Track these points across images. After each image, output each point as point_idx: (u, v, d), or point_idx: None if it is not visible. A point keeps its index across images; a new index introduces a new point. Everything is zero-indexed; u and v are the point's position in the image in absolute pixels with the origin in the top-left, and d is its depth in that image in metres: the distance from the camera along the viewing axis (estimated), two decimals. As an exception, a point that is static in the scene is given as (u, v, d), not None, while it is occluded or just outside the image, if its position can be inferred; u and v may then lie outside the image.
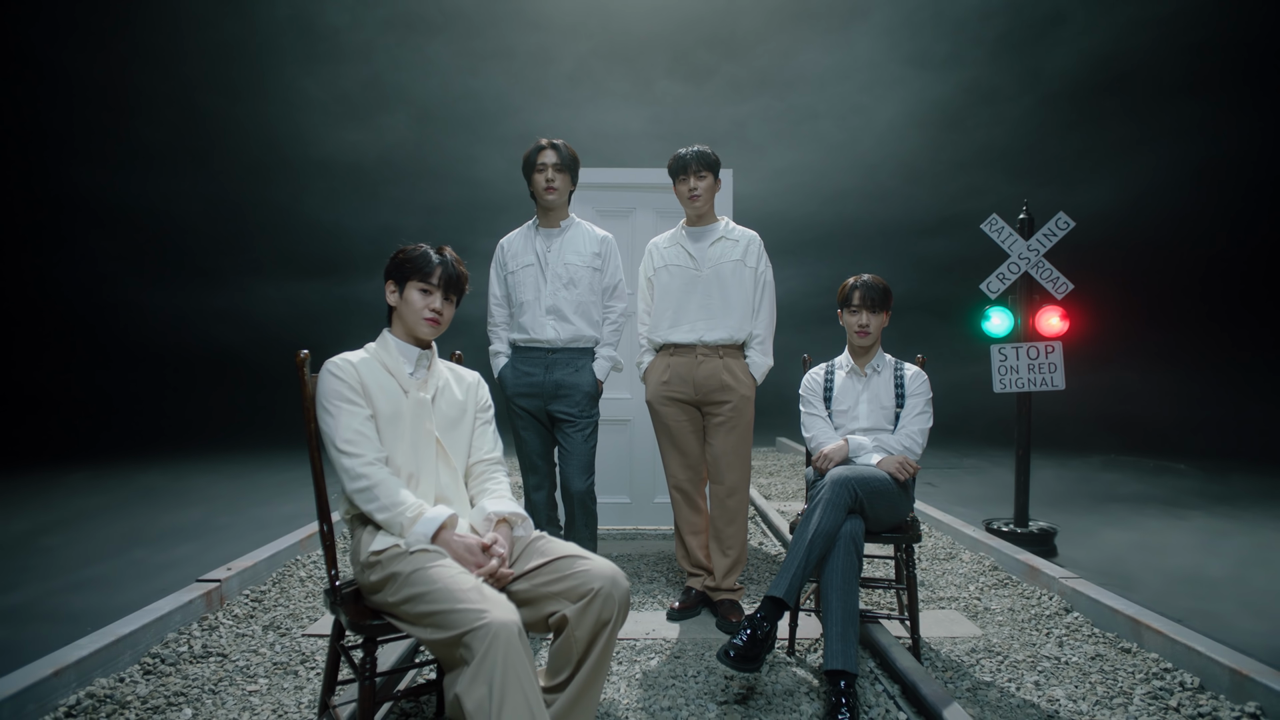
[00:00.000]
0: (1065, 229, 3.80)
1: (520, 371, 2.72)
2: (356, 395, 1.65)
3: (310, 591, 3.06)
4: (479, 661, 1.30)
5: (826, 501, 2.12)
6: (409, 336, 1.78)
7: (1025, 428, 3.89)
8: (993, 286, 3.88)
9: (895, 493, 2.26)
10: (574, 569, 1.54)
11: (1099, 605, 2.66)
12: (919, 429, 2.43)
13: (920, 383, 2.49)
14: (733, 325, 2.73)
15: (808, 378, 2.65)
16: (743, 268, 2.76)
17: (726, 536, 2.75)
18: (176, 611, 2.55)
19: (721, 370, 2.72)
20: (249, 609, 2.82)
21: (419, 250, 1.77)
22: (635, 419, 4.19)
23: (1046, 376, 3.78)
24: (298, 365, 1.75)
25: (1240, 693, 2.02)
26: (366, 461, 1.59)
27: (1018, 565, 3.24)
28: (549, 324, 2.70)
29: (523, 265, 2.76)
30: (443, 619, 1.37)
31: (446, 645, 1.37)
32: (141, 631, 2.34)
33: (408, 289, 1.75)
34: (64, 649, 2.12)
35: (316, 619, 2.74)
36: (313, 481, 1.75)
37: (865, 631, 2.46)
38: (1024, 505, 3.83)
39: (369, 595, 1.58)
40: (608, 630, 1.50)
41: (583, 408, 2.70)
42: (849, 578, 2.05)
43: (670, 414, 2.79)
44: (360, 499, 1.58)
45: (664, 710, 2.03)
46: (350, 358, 1.70)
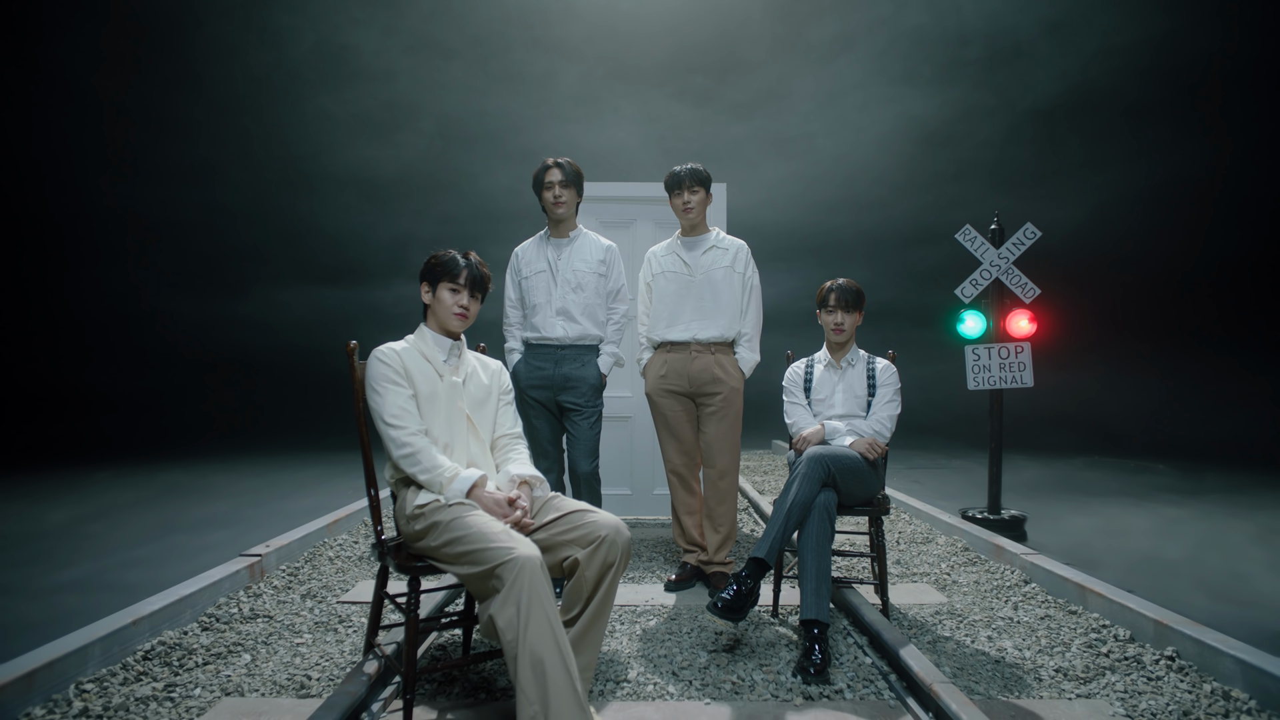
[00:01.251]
0: (1032, 238, 4.11)
1: (532, 366, 3.03)
2: (400, 378, 1.96)
3: (339, 568, 3.35)
4: (508, 588, 1.60)
5: (803, 476, 2.42)
6: (441, 329, 2.09)
7: (997, 423, 4.19)
8: (966, 292, 4.19)
9: (865, 470, 2.57)
10: (584, 520, 1.85)
11: (1052, 575, 2.95)
12: (888, 415, 2.73)
13: (890, 375, 2.80)
14: (723, 325, 3.04)
15: (790, 370, 2.96)
16: (732, 273, 3.08)
17: (718, 515, 3.05)
18: (226, 580, 2.85)
19: (713, 365, 3.03)
20: (286, 581, 3.12)
21: (448, 255, 2.09)
22: (636, 416, 4.50)
23: (1016, 375, 4.09)
24: (348, 353, 2.07)
25: (1161, 640, 2.31)
26: (410, 433, 1.90)
27: (986, 546, 3.54)
28: (558, 324, 3.02)
29: (535, 271, 3.07)
30: (477, 556, 1.67)
31: (481, 578, 1.67)
32: (198, 594, 2.65)
33: (439, 289, 2.07)
34: (138, 604, 2.42)
35: (349, 589, 3.04)
36: (361, 453, 2.06)
37: (840, 595, 2.76)
38: (996, 494, 4.13)
39: (413, 543, 1.89)
40: (613, 571, 1.80)
41: (588, 398, 3.01)
42: (823, 541, 2.35)
43: (667, 405, 3.10)
44: (405, 463, 1.89)
45: (661, 657, 2.33)
46: (394, 346, 2.01)
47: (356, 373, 2.05)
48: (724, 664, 2.28)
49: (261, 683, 2.12)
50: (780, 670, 2.23)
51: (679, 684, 2.13)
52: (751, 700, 2.04)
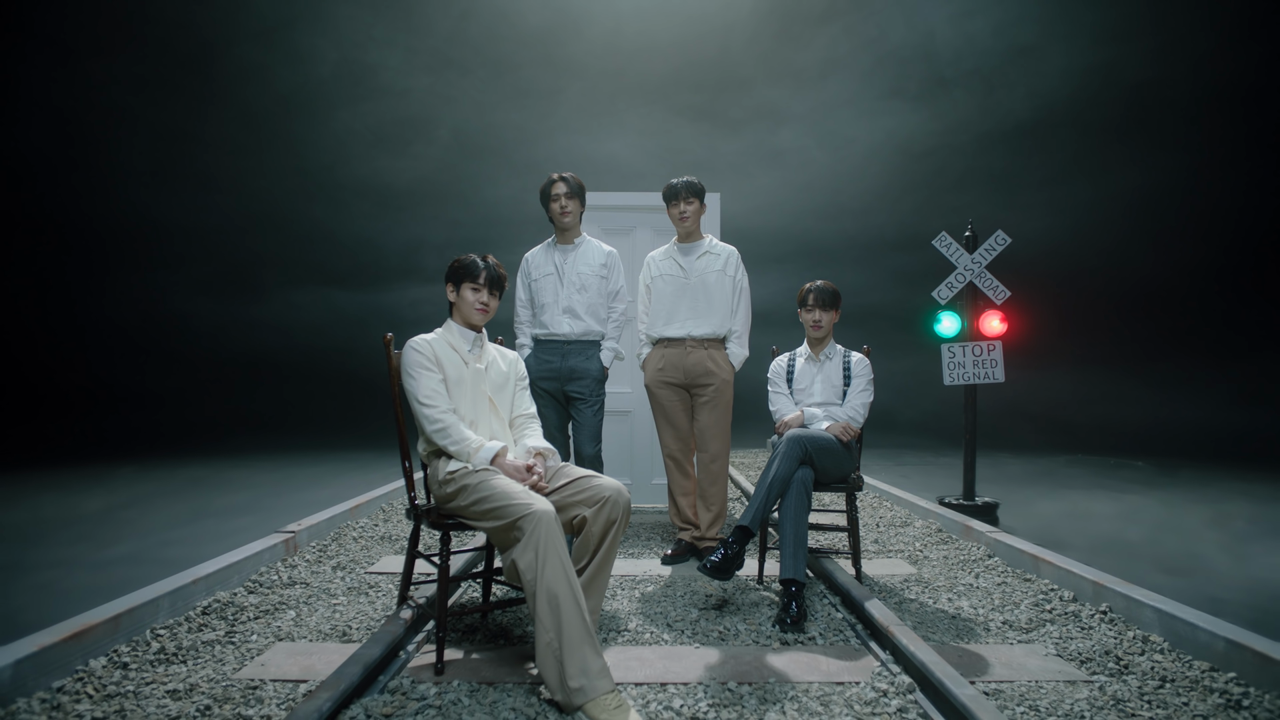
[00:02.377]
0: (1003, 244, 4.43)
1: (541, 359, 3.34)
2: (431, 364, 2.28)
3: (364, 545, 3.66)
4: (528, 537, 1.92)
5: (783, 454, 2.73)
6: (465, 323, 2.41)
7: (971, 416, 4.50)
8: (942, 294, 4.51)
9: (839, 451, 2.88)
10: (590, 484, 2.16)
11: (1012, 549, 3.26)
12: (861, 403, 3.05)
13: (863, 367, 3.11)
14: (715, 323, 3.36)
15: (774, 363, 3.28)
16: (723, 276, 3.40)
17: (710, 495, 3.36)
18: (265, 551, 3.16)
19: (706, 359, 3.35)
20: (317, 555, 3.42)
21: (469, 259, 2.40)
22: (636, 411, 4.81)
23: (988, 370, 4.40)
24: (385, 344, 2.39)
25: (1098, 598, 2.62)
26: (441, 410, 2.21)
27: (957, 527, 3.85)
28: (565, 321, 3.33)
29: (544, 274, 3.39)
30: (501, 512, 1.99)
31: (504, 530, 1.98)
32: (242, 563, 2.95)
33: (463, 288, 2.38)
34: (196, 566, 2.73)
35: (374, 563, 3.34)
36: (396, 430, 2.37)
37: (819, 565, 3.07)
38: (971, 482, 4.43)
39: (444, 504, 2.20)
40: (615, 526, 2.12)
41: (592, 389, 3.33)
42: (800, 511, 2.66)
43: (665, 395, 3.42)
44: (437, 437, 2.20)
45: (657, 614, 2.63)
46: (425, 337, 2.33)
47: (392, 361, 2.37)
48: (712, 619, 2.59)
49: (308, 631, 2.43)
50: (761, 623, 2.53)
51: (673, 633, 2.44)
52: (735, 645, 2.35)
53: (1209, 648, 2.12)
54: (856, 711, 1.87)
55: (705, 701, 1.92)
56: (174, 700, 1.91)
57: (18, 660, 1.84)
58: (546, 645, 1.85)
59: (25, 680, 1.86)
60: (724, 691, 1.99)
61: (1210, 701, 1.90)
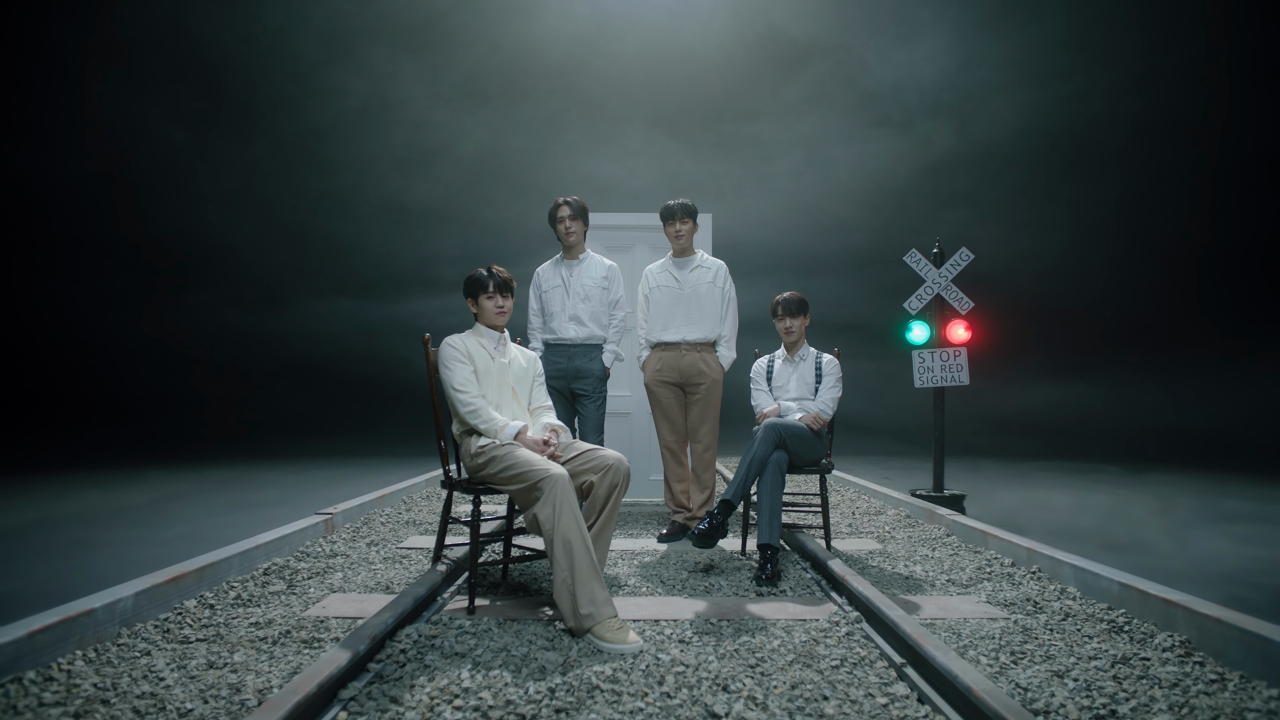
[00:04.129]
0: (967, 260, 4.91)
1: (550, 361, 3.80)
2: (464, 358, 2.73)
3: (392, 528, 4.09)
4: (546, 495, 2.36)
5: (761, 439, 3.18)
6: (489, 326, 2.87)
7: (940, 416, 4.95)
8: (912, 305, 4.98)
9: (810, 438, 3.33)
10: (596, 455, 2.61)
11: (966, 527, 3.70)
12: (830, 398, 3.50)
13: (833, 366, 3.57)
14: (706, 328, 3.82)
15: (756, 364, 3.74)
16: (714, 288, 3.86)
17: (703, 479, 3.80)
18: (309, 528, 3.60)
19: (699, 361, 3.80)
20: (352, 535, 3.86)
21: (478, 273, 2.86)
22: (635, 412, 5.26)
23: (955, 374, 4.86)
24: (424, 342, 2.85)
25: (1030, 561, 3.06)
26: (473, 396, 2.67)
27: (924, 513, 4.28)
28: (571, 327, 3.79)
29: (552, 286, 3.86)
30: (524, 476, 2.43)
31: (527, 490, 2.43)
32: (290, 536, 3.39)
33: (480, 300, 2.84)
34: (258, 534, 3.18)
35: (403, 540, 3.78)
36: (433, 415, 2.83)
37: (794, 538, 3.51)
38: (940, 475, 4.87)
39: (475, 474, 2.64)
40: (618, 489, 2.56)
41: (595, 386, 3.78)
42: (775, 487, 3.11)
43: (662, 393, 3.87)
44: (470, 418, 2.65)
45: (653, 575, 3.07)
46: (459, 336, 2.79)
47: (430, 356, 2.82)
48: (700, 578, 3.03)
49: (356, 587, 2.87)
50: (741, 582, 2.97)
51: (665, 588, 2.88)
52: (718, 596, 2.79)
53: (1107, 591, 2.55)
54: (813, 635, 2.31)
55: (690, 631, 2.36)
56: (257, 630, 2.34)
57: (136, 593, 2.28)
58: (562, 581, 2.29)
59: (141, 610, 2.30)
60: (706, 625, 2.43)
61: (1099, 628, 2.34)
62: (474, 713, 1.74)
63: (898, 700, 1.82)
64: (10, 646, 1.81)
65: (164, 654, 2.09)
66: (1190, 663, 2.03)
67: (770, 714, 1.75)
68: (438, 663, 2.05)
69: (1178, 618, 2.23)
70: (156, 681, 1.89)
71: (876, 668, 2.04)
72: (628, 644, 2.16)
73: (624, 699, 1.82)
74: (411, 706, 1.77)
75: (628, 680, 1.93)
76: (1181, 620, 2.22)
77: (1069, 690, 1.87)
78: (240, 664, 2.04)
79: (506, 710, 1.75)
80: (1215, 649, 2.07)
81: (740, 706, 1.78)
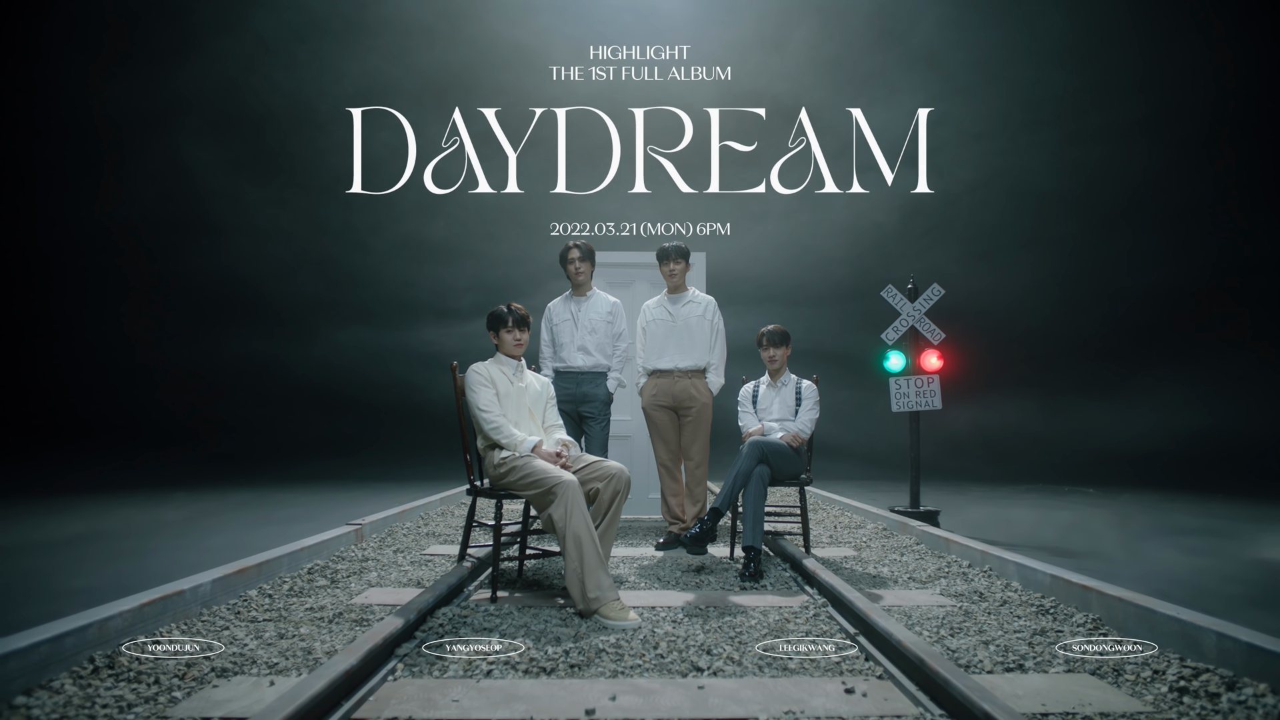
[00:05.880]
0: (938, 295, 5.38)
1: (560, 387, 4.25)
2: (487, 383, 3.18)
3: (414, 538, 4.50)
4: (559, 498, 2.79)
5: (746, 454, 3.61)
6: (508, 355, 3.32)
7: (916, 437, 5.38)
8: (889, 336, 5.44)
9: (790, 454, 3.76)
10: (601, 466, 3.04)
11: (934, 536, 4.11)
12: (808, 419, 3.94)
13: (811, 391, 4.01)
14: (697, 357, 4.27)
15: (743, 389, 4.19)
16: (703, 321, 4.32)
17: (695, 493, 4.23)
18: (342, 536, 4.01)
19: (690, 387, 4.25)
20: (379, 544, 4.27)
21: (499, 310, 3.31)
22: (635, 435, 5.68)
23: (928, 399, 5.29)
24: (452, 370, 3.30)
25: (983, 562, 3.48)
26: (495, 415, 3.11)
27: (898, 526, 4.69)
28: (579, 356, 4.25)
29: (562, 320, 4.32)
30: (541, 482, 2.86)
31: (543, 495, 2.86)
32: (327, 542, 3.80)
33: (500, 333, 3.30)
34: (301, 539, 3.59)
35: (426, 549, 4.18)
36: (460, 431, 3.27)
37: (777, 544, 3.92)
38: (916, 492, 5.29)
39: (497, 482, 3.07)
40: (619, 496, 2.99)
41: (600, 409, 4.22)
42: (758, 497, 3.53)
43: (658, 416, 4.31)
44: (493, 434, 3.09)
45: (651, 575, 3.48)
46: (483, 364, 3.24)
47: (458, 381, 3.27)
48: (692, 576, 3.44)
49: (390, 582, 3.28)
50: (728, 580, 3.38)
51: (662, 584, 3.29)
52: (707, 589, 3.20)
53: (1041, 583, 2.97)
54: (785, 617, 2.72)
55: (682, 614, 2.77)
56: (313, 613, 2.75)
57: (214, 580, 2.70)
58: (573, 571, 2.71)
59: (216, 595, 2.72)
60: (695, 610, 2.84)
61: (1029, 611, 2.75)
62: (504, 666, 2.15)
63: (849, 659, 2.24)
64: (129, 614, 2.23)
65: (241, 628, 2.51)
66: (1096, 635, 2.45)
67: (744, 668, 2.17)
68: (470, 635, 2.46)
69: (1092, 600, 2.65)
70: (242, 645, 2.31)
71: (836, 638, 2.45)
72: (629, 621, 2.58)
73: (625, 658, 2.24)
74: (454, 661, 2.19)
75: (629, 647, 2.35)
76: (1095, 602, 2.63)
77: (990, 651, 2.28)
78: (305, 635, 2.45)
79: (530, 664, 2.16)
80: (1118, 623, 2.48)
81: (720, 663, 2.19)
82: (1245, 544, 4.64)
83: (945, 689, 1.77)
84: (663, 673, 2.13)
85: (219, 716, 1.77)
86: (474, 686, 2.00)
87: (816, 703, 1.89)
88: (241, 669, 2.11)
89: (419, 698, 1.91)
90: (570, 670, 2.14)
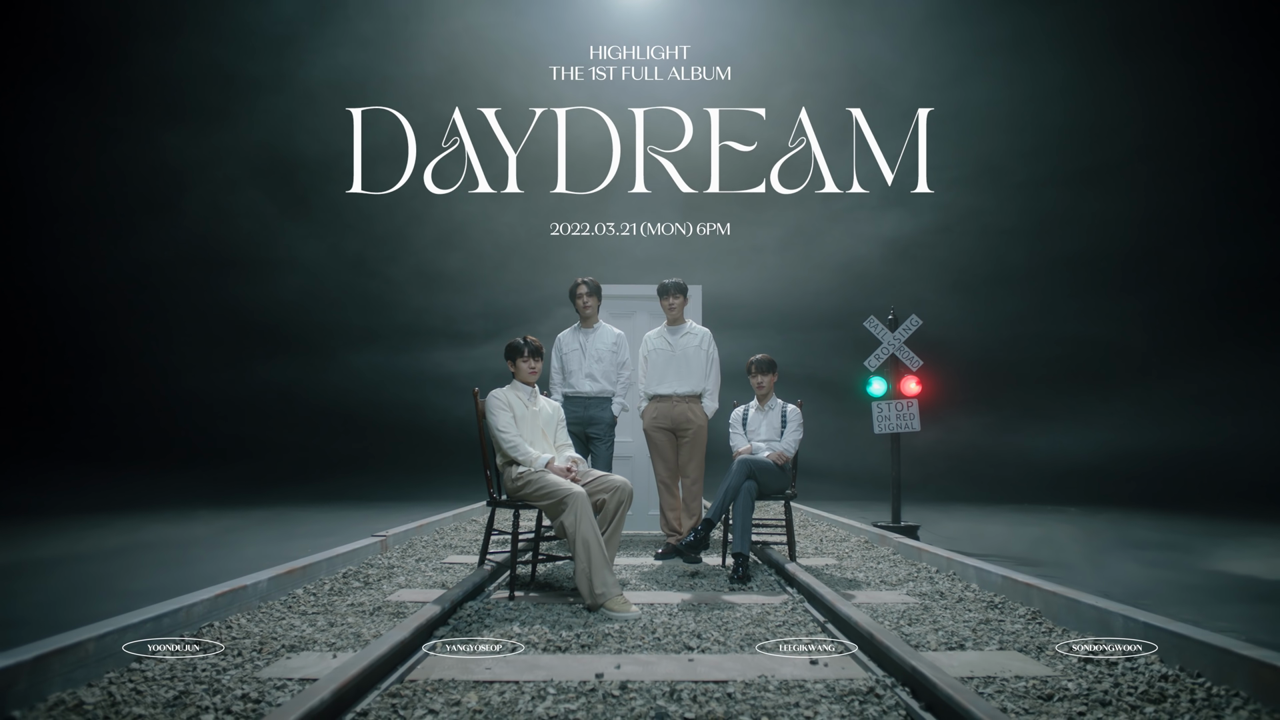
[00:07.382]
0: (916, 325, 5.82)
1: (569, 411, 4.66)
2: (505, 407, 3.61)
3: (434, 549, 4.89)
4: (570, 508, 3.20)
5: (735, 471, 4.03)
6: (523, 382, 3.75)
7: (896, 456, 5.79)
8: (871, 363, 5.87)
9: (776, 471, 4.17)
10: (606, 479, 3.46)
11: (909, 547, 4.51)
12: (793, 439, 4.36)
13: (795, 414, 4.43)
14: (693, 383, 4.70)
15: (734, 412, 4.61)
16: (700, 350, 4.76)
17: (692, 507, 4.63)
18: (369, 546, 4.41)
19: (687, 410, 4.67)
20: (401, 554, 4.66)
21: (516, 342, 3.74)
22: (636, 456, 6.09)
23: (908, 422, 5.71)
24: (474, 395, 3.73)
25: (948, 567, 3.87)
26: (513, 435, 3.53)
27: (878, 539, 5.08)
28: (586, 383, 4.68)
29: (571, 350, 4.76)
30: (553, 493, 3.28)
31: (555, 505, 3.27)
32: (355, 551, 4.20)
33: (517, 362, 3.73)
34: (333, 548, 4.00)
35: (445, 558, 4.58)
36: (480, 449, 3.69)
37: (764, 553, 4.31)
38: (897, 509, 5.68)
39: (514, 494, 3.48)
40: (623, 505, 3.40)
41: (605, 431, 4.65)
42: (747, 509, 3.93)
43: (658, 437, 4.72)
44: (511, 452, 3.50)
45: (650, 579, 3.88)
46: (501, 390, 3.67)
47: (479, 405, 3.70)
48: (687, 580, 3.83)
49: (418, 584, 3.68)
50: (719, 583, 3.78)
51: (660, 586, 3.69)
52: (700, 590, 3.59)
53: (994, 583, 3.37)
54: (767, 611, 3.12)
55: (676, 609, 3.17)
56: (355, 608, 3.15)
57: (270, 578, 3.11)
58: (582, 570, 3.12)
59: (271, 591, 3.12)
60: (688, 605, 3.24)
61: (979, 606, 3.15)
62: (525, 644, 2.55)
63: (817, 641, 2.63)
64: (207, 602, 2.64)
65: (295, 618, 2.91)
66: (1033, 624, 2.85)
67: (728, 648, 2.57)
68: (494, 623, 2.87)
69: (1034, 595, 3.05)
70: (302, 631, 2.71)
71: (808, 627, 2.85)
72: (631, 612, 2.98)
73: (628, 640, 2.64)
74: (482, 642, 2.59)
75: (630, 632, 2.75)
76: (1036, 597, 3.03)
77: (938, 636, 2.68)
78: (353, 623, 2.85)
79: (548, 644, 2.56)
80: (1053, 614, 2.88)
81: (708, 644, 2.59)
82: (1200, 557, 5.03)
83: (887, 655, 2.17)
84: (659, 651, 2.53)
85: (299, 677, 2.17)
86: (502, 659, 2.40)
87: (785, 671, 2.29)
88: (306, 647, 2.52)
89: (458, 666, 2.31)
90: (582, 649, 2.54)
